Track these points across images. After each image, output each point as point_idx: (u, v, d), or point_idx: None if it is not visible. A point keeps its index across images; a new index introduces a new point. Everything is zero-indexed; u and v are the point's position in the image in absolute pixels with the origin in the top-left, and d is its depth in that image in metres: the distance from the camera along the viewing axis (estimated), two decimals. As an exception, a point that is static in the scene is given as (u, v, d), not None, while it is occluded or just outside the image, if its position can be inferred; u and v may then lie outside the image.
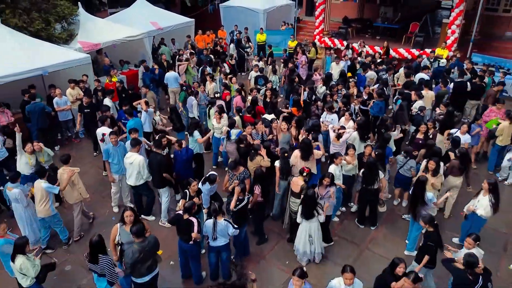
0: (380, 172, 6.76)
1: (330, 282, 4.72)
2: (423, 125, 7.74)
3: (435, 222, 5.36)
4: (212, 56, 13.70)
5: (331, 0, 17.42)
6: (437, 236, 5.23)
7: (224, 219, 5.42)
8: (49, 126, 9.50)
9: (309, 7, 21.76)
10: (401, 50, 15.05)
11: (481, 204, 5.92)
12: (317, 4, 17.06)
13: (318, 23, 17.28)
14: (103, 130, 7.82)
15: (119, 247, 5.24)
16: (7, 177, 6.22)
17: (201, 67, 12.25)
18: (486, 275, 4.57)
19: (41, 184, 6.10)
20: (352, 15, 19.39)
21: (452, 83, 10.37)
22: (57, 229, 6.57)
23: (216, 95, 9.62)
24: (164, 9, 16.52)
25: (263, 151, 6.99)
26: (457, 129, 7.87)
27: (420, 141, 7.59)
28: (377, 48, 15.10)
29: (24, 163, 7.06)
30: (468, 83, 10.24)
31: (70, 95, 9.93)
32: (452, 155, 7.08)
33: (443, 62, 12.39)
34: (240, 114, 8.71)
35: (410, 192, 6.32)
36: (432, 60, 12.58)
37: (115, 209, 7.66)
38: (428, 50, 13.70)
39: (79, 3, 12.37)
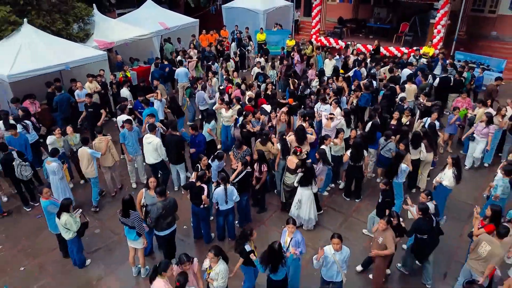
0: (364, 152, 7.88)
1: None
2: (396, 113, 8.85)
3: (391, 181, 6.65)
4: (215, 53, 14.82)
5: (327, 1, 18.58)
6: (391, 194, 6.48)
7: (231, 184, 6.54)
8: (71, 115, 10.60)
9: (307, 8, 22.84)
10: (392, 48, 16.17)
11: (446, 176, 7.03)
12: (314, 5, 18.20)
13: (315, 23, 18.41)
14: (122, 118, 8.90)
15: (144, 208, 6.33)
16: (43, 158, 7.37)
17: (207, 64, 13.35)
18: (436, 214, 5.73)
19: (86, 150, 7.43)
20: (347, 15, 20.50)
21: (438, 78, 11.48)
22: (94, 190, 7.93)
23: (220, 87, 10.71)
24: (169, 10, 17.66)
25: (274, 140, 8.10)
26: (428, 117, 8.97)
27: (393, 127, 8.68)
28: (369, 47, 16.24)
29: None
30: (450, 78, 11.37)
31: (89, 88, 11.01)
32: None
33: (424, 61, 13.49)
34: (240, 103, 9.77)
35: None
36: (417, 57, 13.70)
37: (134, 185, 8.79)
38: (415, 49, 14.82)
39: (94, 4, 13.50)
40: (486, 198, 7.33)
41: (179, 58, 13.64)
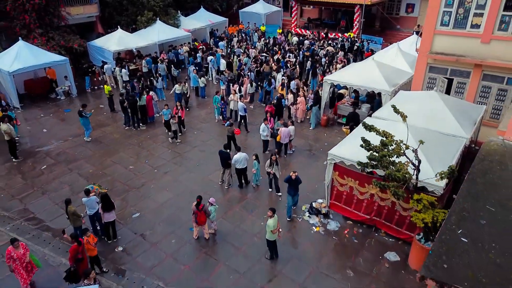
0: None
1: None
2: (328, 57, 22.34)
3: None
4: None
5: (302, 7, 32.06)
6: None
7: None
8: (178, 60, 24.06)
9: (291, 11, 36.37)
10: (334, 34, 29.66)
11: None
12: (292, 10, 31.79)
13: (293, 20, 31.97)
14: (211, 57, 22.25)
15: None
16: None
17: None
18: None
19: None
20: (315, 16, 33.98)
21: (339, 45, 24.99)
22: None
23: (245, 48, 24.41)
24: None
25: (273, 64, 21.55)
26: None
27: (320, 58, 22.17)
28: (323, 33, 29.79)
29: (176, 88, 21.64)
30: (345, 45, 24.90)
31: (184, 49, 24.51)
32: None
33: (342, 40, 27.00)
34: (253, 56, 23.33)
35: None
36: (344, 38, 27.26)
37: (214, 75, 22.27)
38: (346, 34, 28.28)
39: (178, 10, 27.09)
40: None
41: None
